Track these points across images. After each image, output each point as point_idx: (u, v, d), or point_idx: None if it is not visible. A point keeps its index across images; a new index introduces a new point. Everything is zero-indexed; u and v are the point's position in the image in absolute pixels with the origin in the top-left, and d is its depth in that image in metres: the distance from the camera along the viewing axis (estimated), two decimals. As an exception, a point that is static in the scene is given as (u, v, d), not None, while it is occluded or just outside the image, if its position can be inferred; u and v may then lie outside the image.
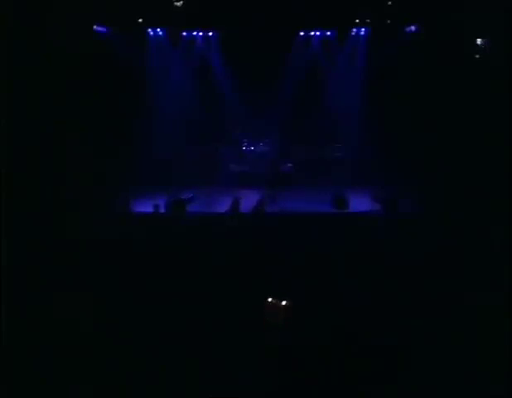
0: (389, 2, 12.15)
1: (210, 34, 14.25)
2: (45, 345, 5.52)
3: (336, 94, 14.43)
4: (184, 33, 14.13)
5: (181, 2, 12.11)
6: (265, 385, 4.93)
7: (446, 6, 11.42)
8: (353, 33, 14.02)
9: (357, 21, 13.39)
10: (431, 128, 12.10)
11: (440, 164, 11.56)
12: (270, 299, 5.83)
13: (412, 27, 13.11)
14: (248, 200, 11.35)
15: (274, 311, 5.79)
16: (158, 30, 13.92)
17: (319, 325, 5.75)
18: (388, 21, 12.92)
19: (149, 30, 13.83)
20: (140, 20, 13.02)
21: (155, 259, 7.86)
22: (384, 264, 7.54)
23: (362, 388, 4.91)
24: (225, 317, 5.98)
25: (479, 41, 11.40)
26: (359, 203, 11.54)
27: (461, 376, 5.00)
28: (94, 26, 12.70)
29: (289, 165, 14.66)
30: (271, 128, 14.63)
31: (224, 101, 14.56)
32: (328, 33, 14.19)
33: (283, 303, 5.79)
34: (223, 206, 11.20)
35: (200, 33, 14.25)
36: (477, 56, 11.08)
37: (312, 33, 14.25)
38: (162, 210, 11.27)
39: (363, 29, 13.85)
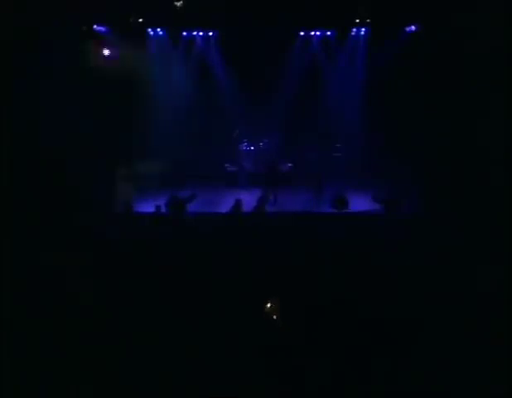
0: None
1: (210, 34, 14.26)
2: (45, 345, 5.52)
3: (336, 94, 14.46)
4: (184, 33, 14.15)
5: (181, 2, 12.11)
6: (265, 385, 4.93)
7: (446, 6, 11.42)
8: (353, 33, 14.03)
9: (357, 21, 13.40)
10: (431, 128, 12.10)
11: (440, 164, 11.57)
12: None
13: (413, 27, 13.12)
14: (248, 200, 11.34)
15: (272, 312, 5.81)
16: (158, 30, 13.93)
17: (318, 325, 5.75)
18: (388, 22, 12.94)
19: (149, 30, 13.84)
20: (140, 20, 13.04)
21: (155, 259, 7.85)
22: (383, 265, 7.54)
23: (362, 388, 4.91)
24: (225, 317, 5.98)
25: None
26: (359, 203, 11.54)
27: (461, 376, 5.00)
28: (94, 26, 12.71)
29: (289, 165, 14.67)
30: (271, 128, 14.64)
31: (224, 101, 14.56)
32: (328, 33, 14.20)
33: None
34: (223, 205, 11.21)
35: (200, 33, 14.27)
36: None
37: (312, 33, 14.26)
38: (164, 210, 11.26)
39: (363, 29, 13.86)
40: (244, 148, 14.93)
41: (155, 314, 6.10)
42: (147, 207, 11.36)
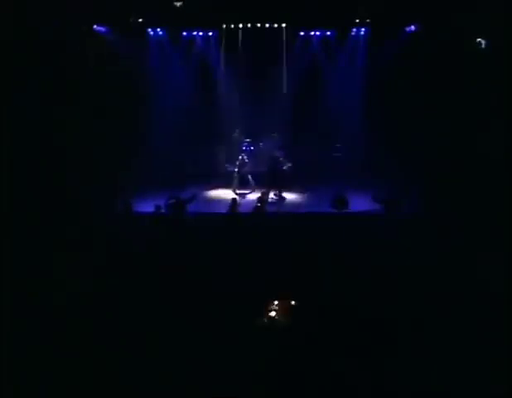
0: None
1: (210, 34, 14.27)
2: (45, 345, 5.52)
3: (336, 94, 14.44)
4: (184, 33, 14.15)
5: (181, 3, 12.12)
6: (265, 386, 4.93)
7: (446, 6, 11.42)
8: (353, 33, 14.03)
9: (357, 21, 13.40)
10: (431, 128, 12.10)
11: (440, 164, 11.56)
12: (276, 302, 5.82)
13: (412, 27, 13.12)
14: (248, 199, 11.35)
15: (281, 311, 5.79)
16: (158, 30, 13.94)
17: (318, 325, 5.75)
18: (388, 22, 12.94)
19: (149, 30, 13.84)
20: (140, 20, 13.04)
21: (154, 259, 7.86)
22: (383, 265, 7.54)
23: (362, 388, 4.91)
24: (225, 317, 5.98)
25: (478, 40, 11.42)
26: (359, 203, 11.53)
27: (461, 376, 5.00)
28: (94, 26, 12.71)
29: (289, 165, 14.63)
30: (271, 128, 14.61)
31: (224, 101, 14.55)
32: (328, 33, 14.20)
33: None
34: (223, 205, 11.20)
35: (200, 33, 14.27)
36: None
37: (312, 33, 14.26)
38: (164, 210, 11.24)
39: (363, 29, 13.85)
40: (244, 148, 14.89)
41: (155, 314, 6.10)
42: (147, 207, 11.35)
